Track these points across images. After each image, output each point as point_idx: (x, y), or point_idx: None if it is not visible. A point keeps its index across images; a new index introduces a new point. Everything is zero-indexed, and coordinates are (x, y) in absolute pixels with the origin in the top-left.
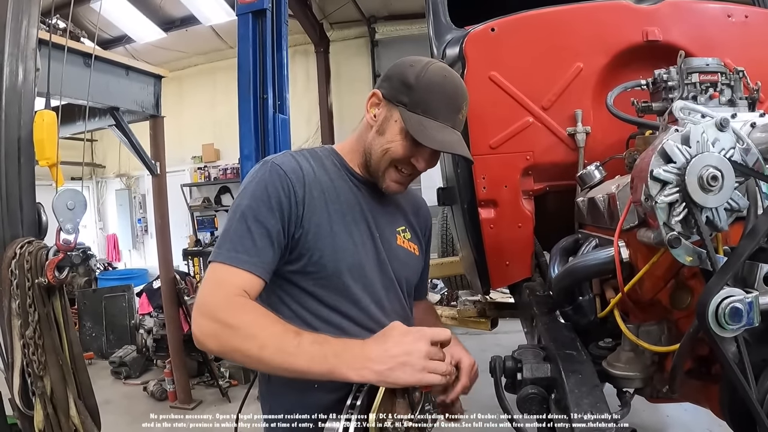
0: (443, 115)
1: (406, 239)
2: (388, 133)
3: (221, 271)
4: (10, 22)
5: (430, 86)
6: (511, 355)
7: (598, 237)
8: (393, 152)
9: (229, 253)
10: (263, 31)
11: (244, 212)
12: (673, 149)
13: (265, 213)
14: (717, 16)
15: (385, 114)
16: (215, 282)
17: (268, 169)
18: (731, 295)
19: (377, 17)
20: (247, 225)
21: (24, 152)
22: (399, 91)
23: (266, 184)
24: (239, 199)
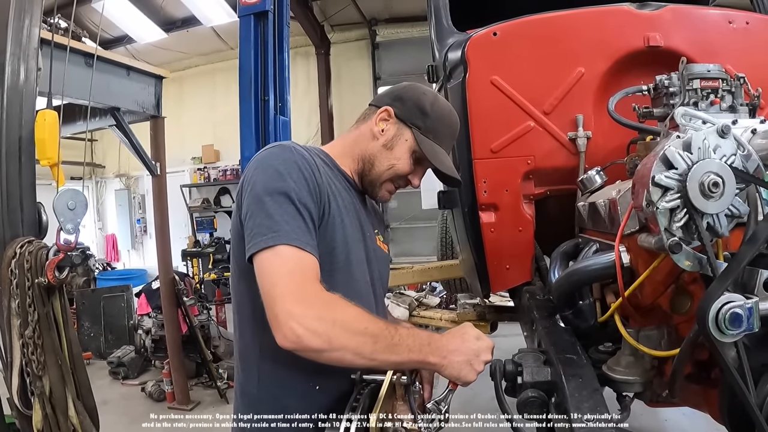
0: (446, 143)
1: (380, 240)
2: (396, 150)
3: (293, 254)
4: (13, 21)
5: (441, 116)
6: (511, 359)
7: (598, 242)
8: (398, 168)
9: (292, 235)
10: (265, 33)
11: (289, 195)
12: (674, 155)
13: (306, 196)
14: (718, 22)
15: (395, 132)
16: (296, 270)
17: (293, 153)
18: (731, 301)
19: (378, 20)
20: (295, 206)
21: (25, 151)
22: (414, 115)
23: (299, 167)
24: (274, 181)
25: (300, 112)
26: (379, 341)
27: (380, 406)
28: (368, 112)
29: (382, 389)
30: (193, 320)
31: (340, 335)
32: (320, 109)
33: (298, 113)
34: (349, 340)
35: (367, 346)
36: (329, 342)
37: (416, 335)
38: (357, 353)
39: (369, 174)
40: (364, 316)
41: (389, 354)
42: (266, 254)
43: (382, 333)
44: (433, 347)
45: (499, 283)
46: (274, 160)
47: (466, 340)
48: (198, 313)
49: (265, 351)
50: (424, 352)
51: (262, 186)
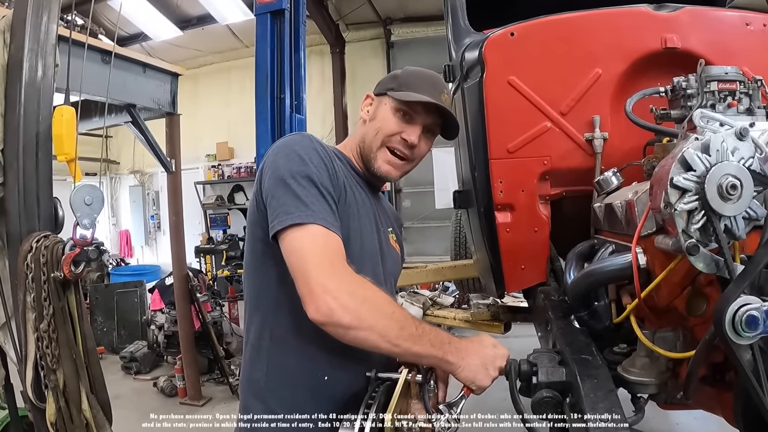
0: (427, 92)
1: (393, 239)
2: (378, 115)
3: (323, 233)
4: (31, 17)
5: (414, 73)
6: (526, 359)
7: (614, 243)
8: (384, 128)
9: (320, 215)
10: (281, 31)
11: (311, 178)
12: (693, 157)
13: (327, 181)
14: (735, 24)
15: (376, 105)
16: (326, 248)
17: (312, 140)
18: (748, 303)
19: (393, 19)
20: (318, 189)
21: (42, 147)
22: (386, 83)
23: (319, 154)
24: (297, 165)
25: (314, 110)
26: (405, 328)
27: (395, 405)
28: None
29: (398, 387)
30: (205, 316)
31: (369, 314)
32: (335, 108)
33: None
34: (378, 321)
35: (393, 330)
36: (359, 319)
37: (438, 332)
38: (382, 335)
39: (364, 150)
40: (392, 302)
41: (412, 343)
42: (296, 231)
43: (408, 321)
44: (453, 347)
45: (514, 284)
46: (296, 145)
47: (484, 345)
48: (211, 309)
49: (275, 338)
50: (444, 349)
51: (286, 169)
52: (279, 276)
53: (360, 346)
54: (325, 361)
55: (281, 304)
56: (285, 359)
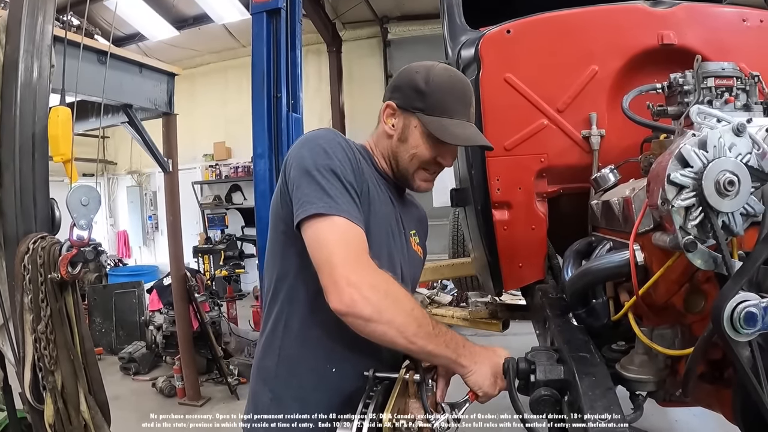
0: (459, 112)
1: (416, 243)
2: (411, 139)
3: (347, 226)
4: (26, 18)
5: (441, 87)
6: (524, 357)
7: (612, 240)
8: (420, 156)
9: (345, 208)
10: (277, 30)
11: (336, 172)
12: (690, 153)
13: (351, 175)
14: (732, 20)
15: (403, 122)
16: (350, 240)
17: (337, 135)
18: (746, 300)
19: (390, 17)
20: (342, 183)
21: (38, 148)
22: (412, 99)
23: (344, 149)
24: (322, 158)
25: (312, 109)
26: (422, 326)
27: (393, 404)
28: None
29: (395, 387)
30: (204, 316)
31: (390, 309)
32: (332, 107)
33: (310, 111)
34: (397, 316)
35: (411, 327)
36: (379, 312)
37: (454, 334)
38: (400, 331)
39: (398, 169)
40: (412, 299)
41: (428, 341)
42: (321, 222)
43: (426, 320)
44: (467, 351)
45: (512, 282)
46: (320, 140)
47: (498, 355)
48: (209, 309)
49: (289, 328)
50: (458, 352)
51: (312, 161)
52: (298, 267)
53: (377, 339)
54: (334, 354)
55: (297, 295)
56: (296, 349)
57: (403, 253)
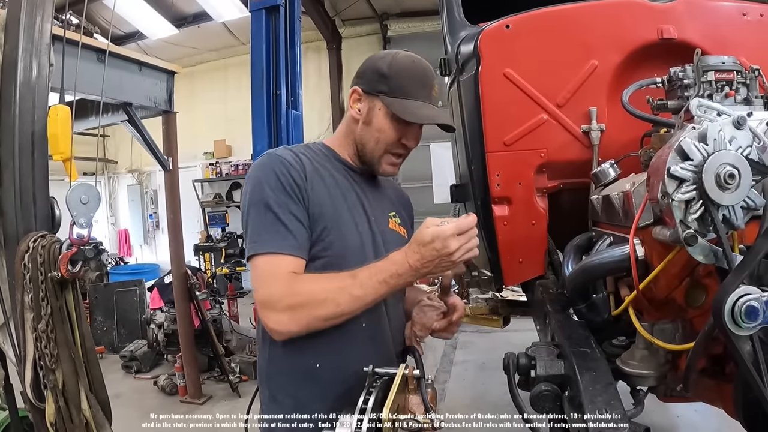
0: (420, 94)
1: (397, 223)
2: (375, 121)
3: (266, 262)
4: (24, 17)
5: (403, 71)
6: (524, 352)
7: (612, 235)
8: (384, 138)
9: (267, 244)
10: (276, 28)
11: (267, 203)
12: (690, 147)
13: (285, 198)
14: (732, 14)
15: (368, 106)
16: (266, 275)
17: (272, 160)
18: (747, 294)
19: (389, 14)
20: (273, 213)
21: (38, 147)
22: (376, 82)
23: (276, 173)
24: (256, 193)
25: (311, 106)
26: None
27: (392, 400)
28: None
29: (395, 382)
30: (205, 314)
31: (306, 315)
32: (332, 104)
33: (310, 108)
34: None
35: (330, 310)
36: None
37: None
38: (326, 318)
39: (364, 154)
40: (321, 287)
41: (358, 305)
42: (253, 261)
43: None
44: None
45: (512, 277)
46: (257, 170)
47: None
48: (210, 307)
49: None
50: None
51: (249, 198)
52: None
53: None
54: (312, 350)
55: None
56: (279, 348)
57: (380, 232)
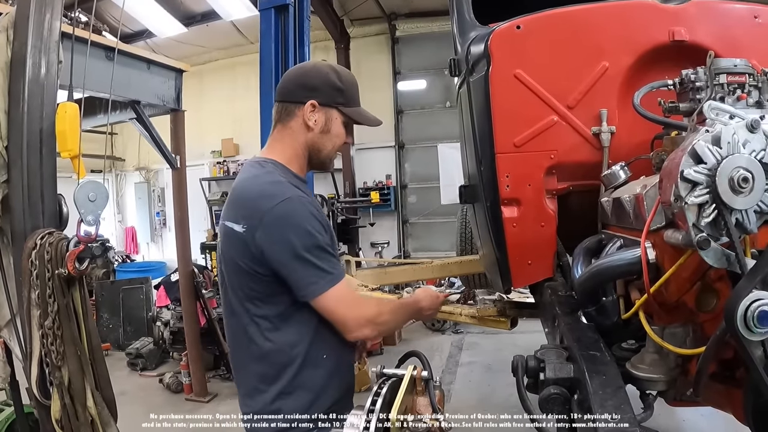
0: (359, 101)
1: None
2: (333, 129)
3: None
4: (34, 14)
5: (350, 83)
6: (533, 355)
7: (622, 237)
8: (339, 141)
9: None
10: (285, 27)
11: (321, 245)
12: (704, 150)
13: (327, 238)
14: (743, 17)
15: (325, 117)
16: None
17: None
18: (760, 299)
19: (398, 14)
20: (326, 251)
21: (46, 144)
22: (334, 95)
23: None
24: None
25: None
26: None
27: (401, 401)
28: (284, 109)
29: (403, 384)
30: (211, 313)
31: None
32: None
33: None
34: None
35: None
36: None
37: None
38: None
39: (318, 157)
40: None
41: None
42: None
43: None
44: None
45: (521, 279)
46: (300, 219)
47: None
48: (216, 305)
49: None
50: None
51: (301, 245)
52: None
53: None
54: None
55: None
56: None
57: None
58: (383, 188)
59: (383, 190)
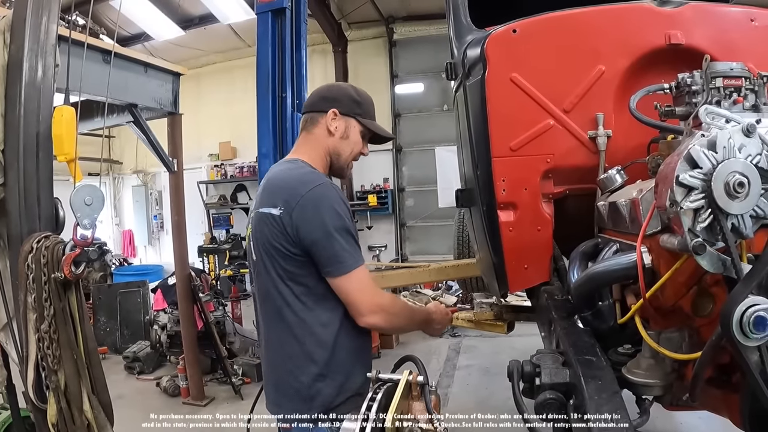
0: (374, 115)
1: None
2: (352, 136)
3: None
4: (30, 17)
5: (367, 99)
6: (529, 360)
7: (618, 242)
8: (357, 149)
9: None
10: (282, 30)
11: (348, 228)
12: (699, 154)
13: (353, 224)
14: (740, 20)
15: (345, 125)
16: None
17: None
18: (756, 304)
19: (395, 17)
20: (352, 236)
21: (42, 147)
22: (352, 106)
23: (345, 204)
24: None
25: None
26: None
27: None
28: (310, 118)
29: (399, 388)
30: (208, 316)
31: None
32: None
33: None
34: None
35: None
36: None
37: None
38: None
39: (338, 162)
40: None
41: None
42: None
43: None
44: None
45: (517, 283)
46: (332, 201)
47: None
48: (214, 309)
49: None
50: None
51: (332, 224)
52: None
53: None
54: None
55: None
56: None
57: None
58: (381, 191)
59: (381, 194)
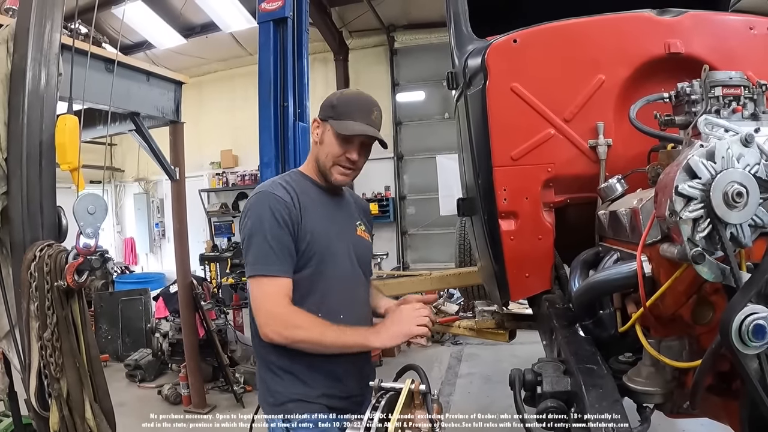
0: (358, 116)
1: (362, 230)
2: (326, 140)
3: (263, 283)
4: (34, 26)
5: (347, 100)
6: (531, 368)
7: (619, 251)
8: (332, 152)
9: (263, 267)
10: (284, 39)
11: (264, 234)
12: (698, 165)
13: (277, 231)
14: (739, 29)
15: (322, 130)
16: (264, 293)
17: (267, 197)
18: (755, 312)
19: (396, 26)
20: (268, 244)
21: (45, 156)
22: (326, 111)
23: (272, 210)
24: (253, 227)
25: None
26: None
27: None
28: None
29: (401, 397)
30: (210, 324)
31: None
32: None
33: None
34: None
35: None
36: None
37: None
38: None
39: (321, 167)
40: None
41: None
42: (252, 281)
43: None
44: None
45: (519, 291)
46: (257, 208)
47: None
48: (215, 317)
49: None
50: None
51: (249, 229)
52: None
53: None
54: None
55: None
56: None
57: (352, 239)
58: (382, 199)
59: (382, 202)
